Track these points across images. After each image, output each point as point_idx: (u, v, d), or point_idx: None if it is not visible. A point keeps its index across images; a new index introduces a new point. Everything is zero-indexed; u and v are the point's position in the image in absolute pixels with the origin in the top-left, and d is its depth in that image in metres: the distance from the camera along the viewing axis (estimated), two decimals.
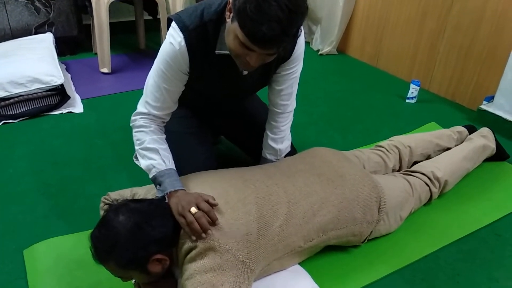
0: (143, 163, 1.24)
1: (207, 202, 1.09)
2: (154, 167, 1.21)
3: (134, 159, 1.31)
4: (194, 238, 1.05)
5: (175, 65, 1.22)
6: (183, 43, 1.19)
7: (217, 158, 1.58)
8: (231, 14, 1.06)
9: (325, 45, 3.31)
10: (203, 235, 1.05)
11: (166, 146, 1.27)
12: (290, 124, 1.52)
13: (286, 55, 1.30)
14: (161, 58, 1.23)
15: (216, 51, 1.22)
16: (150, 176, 1.23)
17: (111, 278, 1.09)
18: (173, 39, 1.20)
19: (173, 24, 1.21)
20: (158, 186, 1.20)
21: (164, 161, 1.21)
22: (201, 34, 1.19)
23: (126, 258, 1.02)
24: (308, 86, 1.47)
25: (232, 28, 1.06)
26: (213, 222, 1.07)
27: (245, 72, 1.29)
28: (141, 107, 1.28)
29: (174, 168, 1.23)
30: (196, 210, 1.06)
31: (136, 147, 1.27)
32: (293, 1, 0.98)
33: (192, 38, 1.18)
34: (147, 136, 1.25)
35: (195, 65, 1.23)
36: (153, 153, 1.22)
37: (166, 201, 1.15)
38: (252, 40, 1.01)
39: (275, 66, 1.34)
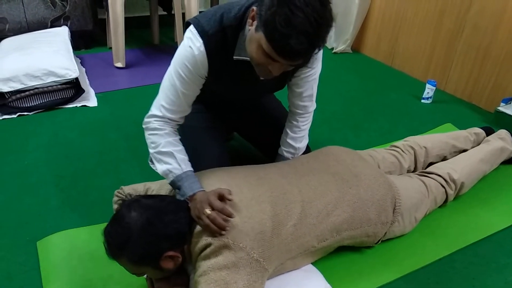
0: (159, 168, 1.23)
1: (223, 196, 1.09)
2: (170, 172, 1.20)
3: (150, 163, 1.30)
4: (216, 235, 1.05)
5: (194, 69, 1.20)
6: (202, 48, 1.17)
7: (230, 155, 1.57)
8: (254, 22, 1.05)
9: (339, 43, 3.28)
10: (223, 232, 1.04)
11: (181, 147, 1.25)
12: (310, 124, 1.51)
13: (306, 62, 1.29)
14: (179, 62, 1.21)
15: (234, 57, 1.20)
16: (168, 182, 1.22)
17: (123, 271, 1.09)
18: (192, 43, 1.18)
19: (191, 27, 1.19)
20: (177, 190, 1.20)
21: (180, 165, 1.20)
22: (220, 40, 1.18)
23: (138, 254, 1.02)
24: (321, 84, 1.45)
25: (256, 38, 1.04)
26: (229, 217, 1.06)
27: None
28: (155, 109, 1.26)
29: (191, 169, 1.22)
30: (210, 212, 1.05)
31: (151, 150, 1.26)
32: (320, 13, 0.97)
33: (211, 43, 1.17)
34: (161, 139, 1.23)
35: (213, 70, 1.22)
36: (168, 157, 1.21)
37: (189, 205, 1.14)
38: (280, 53, 1.00)
39: (292, 70, 1.32)
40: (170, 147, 1.22)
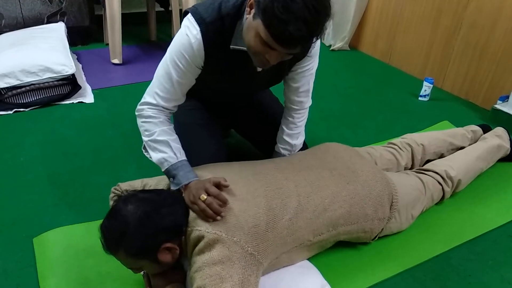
0: (154, 156, 1.23)
1: (218, 184, 1.10)
2: (166, 160, 1.20)
3: (143, 151, 1.30)
4: (211, 220, 1.06)
5: (190, 58, 1.19)
6: (199, 36, 1.16)
7: (227, 151, 1.57)
8: (252, 10, 1.04)
9: (337, 40, 3.28)
10: (218, 217, 1.06)
11: (175, 136, 1.25)
12: (305, 120, 1.51)
13: (303, 53, 1.28)
14: (175, 50, 1.20)
15: (231, 46, 1.20)
16: (163, 170, 1.22)
17: (120, 268, 1.09)
18: (189, 31, 1.17)
19: (189, 16, 1.18)
20: (171, 179, 1.20)
21: (175, 154, 1.20)
22: (218, 28, 1.17)
23: (136, 247, 1.02)
24: (319, 82, 1.45)
25: (253, 25, 1.03)
26: (224, 204, 1.08)
27: (260, 69, 1.27)
28: (149, 97, 1.26)
29: (186, 158, 1.22)
30: (206, 197, 1.07)
31: (145, 138, 1.25)
32: (319, 1, 0.97)
33: (208, 31, 1.16)
34: (156, 127, 1.23)
35: (210, 59, 1.21)
36: (164, 146, 1.21)
37: (183, 194, 1.15)
38: (277, 40, 1.00)
39: (289, 64, 1.32)
40: (166, 136, 1.22)
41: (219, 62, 1.23)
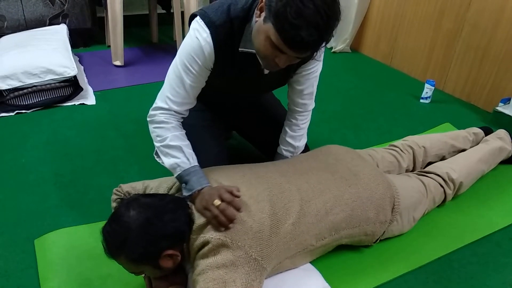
0: (166, 161, 1.22)
1: (231, 192, 1.09)
2: (178, 165, 1.19)
3: (155, 156, 1.29)
4: (222, 229, 1.05)
5: (200, 60, 1.19)
6: (209, 39, 1.16)
7: (229, 153, 1.57)
8: (262, 14, 1.04)
9: (338, 42, 3.29)
10: (230, 225, 1.05)
11: (188, 142, 1.25)
12: (309, 122, 1.51)
13: (310, 56, 1.29)
14: (185, 53, 1.20)
15: (240, 49, 1.20)
16: (175, 175, 1.21)
17: (122, 270, 1.09)
18: (199, 34, 1.17)
19: (198, 19, 1.18)
20: (184, 184, 1.19)
21: (188, 159, 1.20)
22: (227, 31, 1.17)
23: (137, 253, 1.02)
24: (320, 84, 1.45)
25: (264, 29, 1.04)
26: (238, 210, 1.07)
27: (266, 71, 1.27)
28: (161, 102, 1.25)
29: (198, 164, 1.22)
30: (220, 202, 1.06)
31: (157, 144, 1.24)
32: (330, 7, 0.97)
33: (218, 34, 1.16)
34: (168, 132, 1.22)
35: (219, 61, 1.21)
36: (176, 151, 1.20)
37: (195, 199, 1.14)
38: (289, 45, 1.00)
39: (295, 66, 1.32)
40: (178, 141, 1.21)
41: (227, 65, 1.24)
